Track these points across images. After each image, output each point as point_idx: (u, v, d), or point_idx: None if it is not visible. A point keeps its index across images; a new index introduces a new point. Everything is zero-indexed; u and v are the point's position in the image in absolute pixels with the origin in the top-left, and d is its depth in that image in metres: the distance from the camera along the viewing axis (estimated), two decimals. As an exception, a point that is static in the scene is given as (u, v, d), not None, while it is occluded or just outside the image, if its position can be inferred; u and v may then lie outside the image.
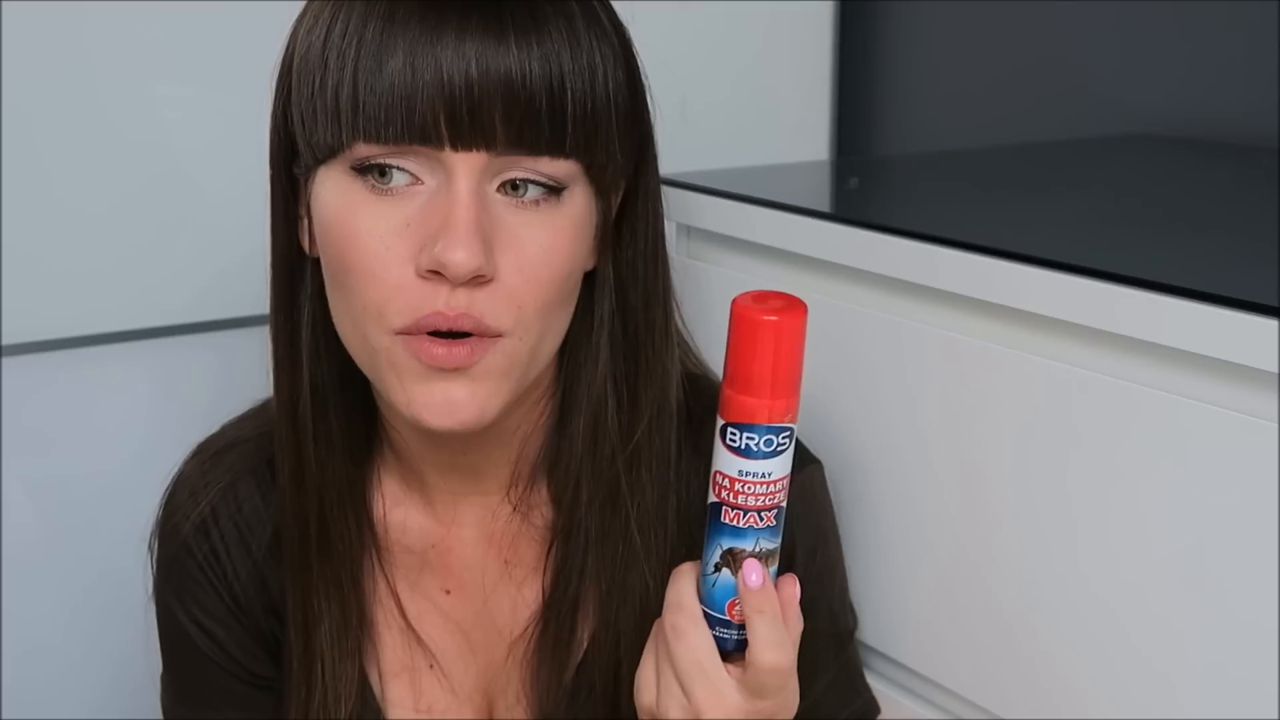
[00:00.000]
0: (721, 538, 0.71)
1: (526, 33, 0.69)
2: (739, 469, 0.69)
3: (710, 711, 0.72)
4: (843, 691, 0.87)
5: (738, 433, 0.69)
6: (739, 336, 0.68)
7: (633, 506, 0.81)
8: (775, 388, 0.68)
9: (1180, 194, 1.07)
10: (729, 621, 0.72)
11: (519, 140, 0.70)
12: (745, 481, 0.70)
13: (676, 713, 0.73)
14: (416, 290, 0.71)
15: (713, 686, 0.72)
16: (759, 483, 0.70)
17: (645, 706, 0.76)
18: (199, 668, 0.87)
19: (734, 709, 0.72)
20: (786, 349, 0.68)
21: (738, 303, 0.68)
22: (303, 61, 0.73)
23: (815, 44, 1.40)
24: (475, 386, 0.73)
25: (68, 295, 1.07)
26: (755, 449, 0.69)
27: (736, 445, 0.69)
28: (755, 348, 0.67)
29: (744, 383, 0.68)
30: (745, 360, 0.68)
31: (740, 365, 0.68)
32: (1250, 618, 0.68)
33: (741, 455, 0.69)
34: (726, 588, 0.72)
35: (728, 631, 0.73)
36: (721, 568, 0.71)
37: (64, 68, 1.04)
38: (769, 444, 0.69)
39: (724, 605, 0.72)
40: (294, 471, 0.82)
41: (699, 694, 0.72)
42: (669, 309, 0.82)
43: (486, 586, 0.86)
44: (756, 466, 0.69)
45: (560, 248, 0.73)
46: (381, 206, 0.71)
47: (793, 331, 0.68)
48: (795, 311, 0.68)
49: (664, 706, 0.74)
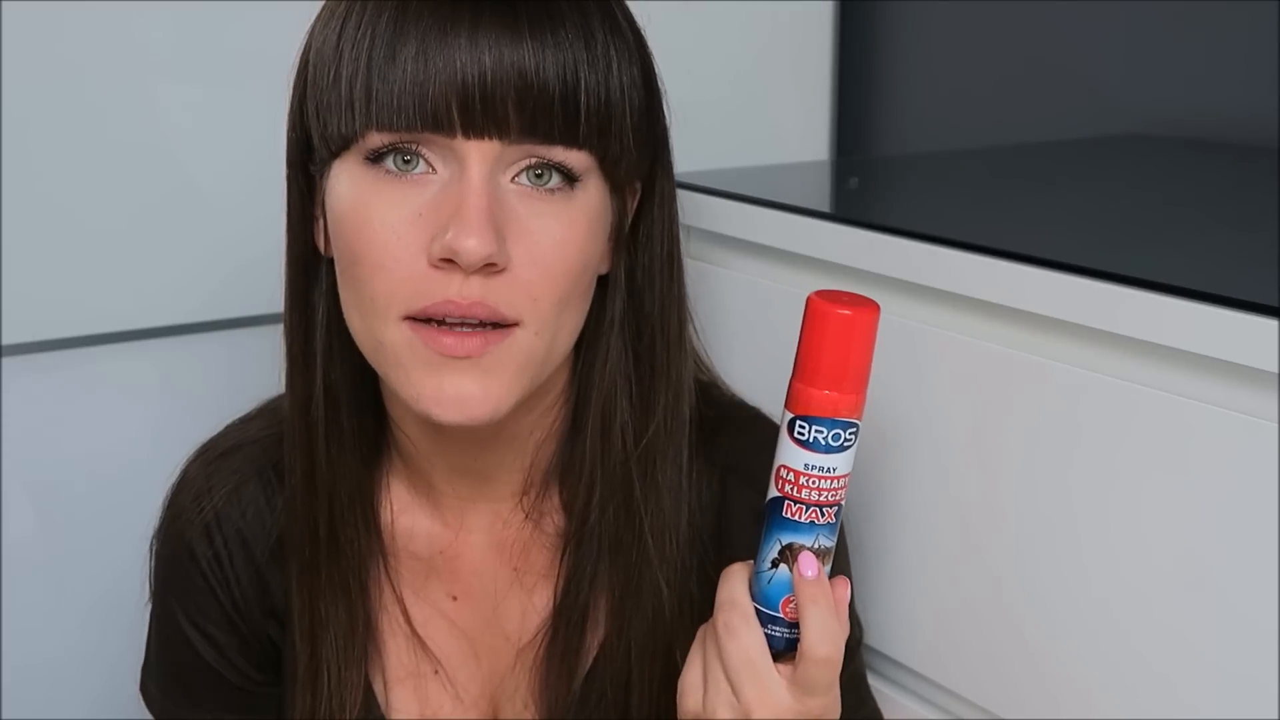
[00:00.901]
0: (782, 533, 0.71)
1: (540, 26, 0.70)
2: (805, 462, 0.69)
3: (760, 710, 0.71)
4: (850, 704, 0.87)
5: (806, 426, 0.69)
6: (813, 330, 0.68)
7: (646, 514, 0.80)
8: (845, 382, 0.68)
9: (1180, 194, 1.07)
10: (781, 619, 0.72)
11: (532, 129, 0.70)
12: (810, 475, 0.70)
13: (725, 713, 0.72)
14: (428, 279, 0.71)
15: (763, 684, 0.71)
16: (824, 477, 0.70)
17: (690, 709, 0.74)
18: (194, 669, 0.87)
19: (784, 708, 0.72)
20: (859, 344, 0.69)
21: (813, 298, 0.69)
22: (318, 56, 0.73)
23: (815, 44, 1.40)
24: (487, 380, 0.72)
25: (68, 295, 1.07)
26: (823, 443, 0.69)
27: (804, 439, 0.69)
28: (828, 341, 0.68)
29: (814, 376, 0.68)
30: (817, 354, 0.68)
31: (812, 359, 0.69)
32: (1250, 618, 0.68)
33: (809, 449, 0.69)
34: (783, 584, 0.71)
35: (779, 630, 0.72)
36: (779, 564, 0.71)
37: (65, 67, 1.04)
38: (836, 439, 0.69)
39: (779, 602, 0.72)
40: (305, 472, 0.81)
41: (749, 692, 0.71)
42: (683, 315, 0.82)
43: (496, 593, 0.85)
44: (823, 461, 0.69)
45: (573, 240, 0.73)
46: (394, 196, 0.71)
47: (866, 327, 0.69)
48: (869, 308, 0.69)
49: (711, 707, 0.73)
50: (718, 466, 0.83)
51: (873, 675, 0.91)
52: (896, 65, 1.51)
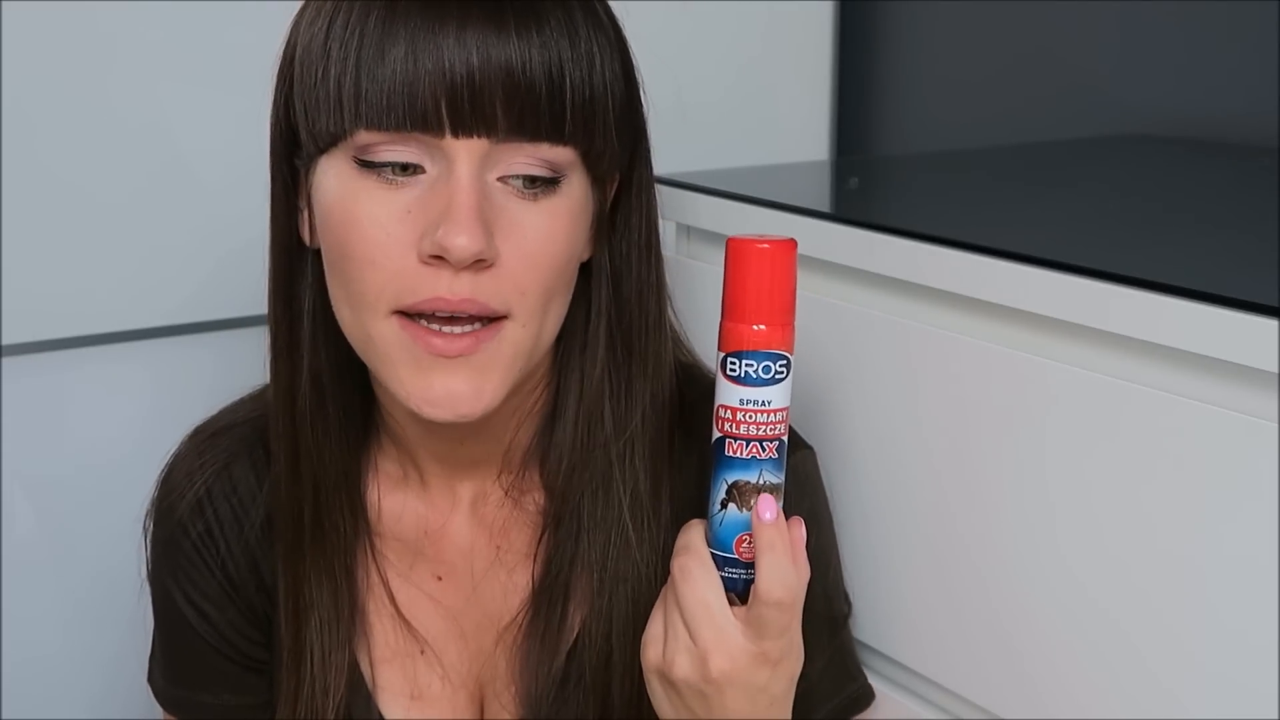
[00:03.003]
0: (726, 472, 0.72)
1: (526, 24, 0.71)
2: (740, 398, 0.72)
3: (716, 653, 0.72)
4: (837, 676, 0.87)
5: (737, 361, 0.71)
6: (735, 268, 0.72)
7: (625, 494, 0.82)
8: (771, 315, 0.71)
9: (1180, 194, 1.08)
10: (736, 560, 0.73)
11: (519, 127, 0.72)
12: (747, 410, 0.72)
13: (683, 660, 0.73)
14: (418, 275, 0.72)
15: (717, 626, 0.72)
16: (760, 410, 0.72)
17: (652, 661, 0.75)
18: (194, 649, 0.88)
19: (740, 650, 0.72)
20: (780, 277, 0.72)
21: (731, 239, 0.72)
22: (305, 53, 0.74)
23: (815, 44, 1.40)
24: (477, 377, 0.74)
25: (68, 295, 1.07)
26: (755, 375, 0.71)
27: (737, 374, 0.71)
28: (750, 277, 0.71)
29: (740, 312, 0.71)
30: (740, 290, 0.71)
31: (736, 296, 0.72)
32: (1250, 618, 0.68)
33: (741, 384, 0.71)
34: (734, 524, 0.73)
35: (736, 571, 0.73)
36: (728, 504, 0.73)
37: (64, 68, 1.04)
38: (767, 370, 0.71)
39: (732, 542, 0.73)
40: (290, 459, 0.83)
41: (705, 634, 0.72)
42: (662, 300, 0.84)
43: (477, 572, 0.87)
44: (756, 394, 0.72)
45: (559, 233, 0.75)
46: (383, 194, 0.73)
47: (784, 259, 0.72)
48: (786, 243, 0.72)
49: (670, 655, 0.74)
50: (697, 441, 0.83)
51: (873, 675, 0.91)
52: (896, 65, 1.51)
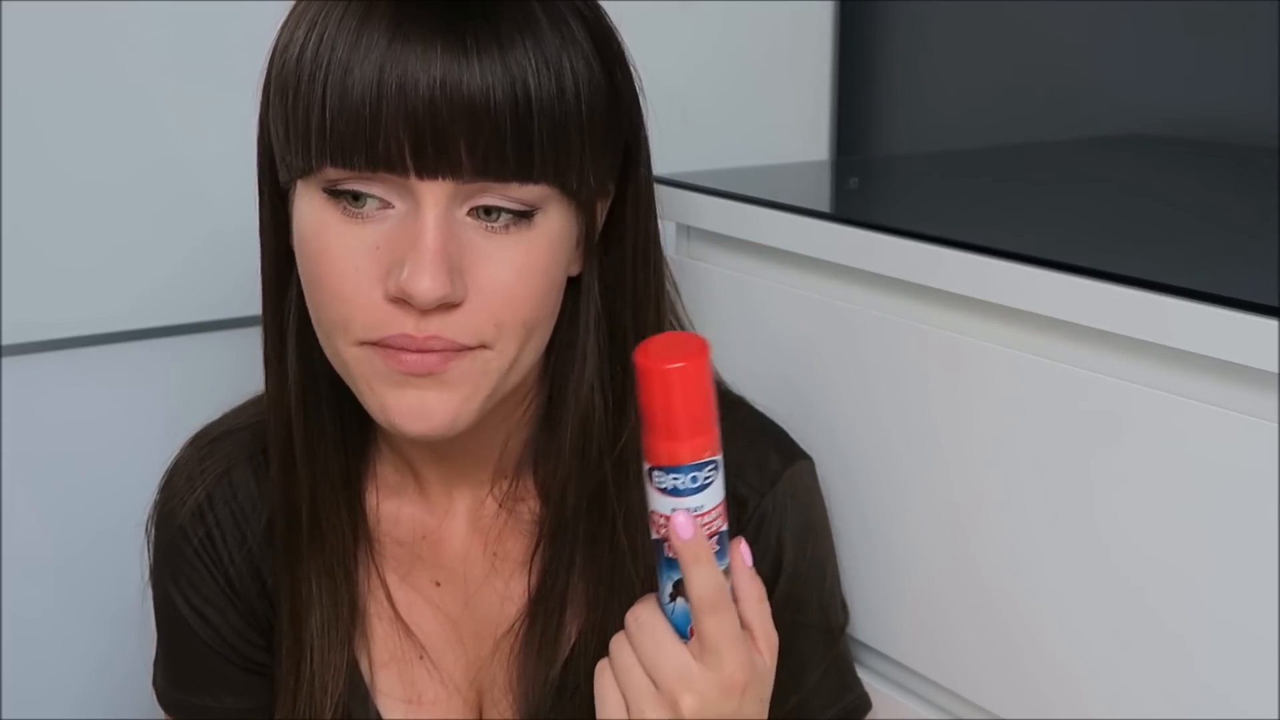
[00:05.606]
0: (671, 571, 0.72)
1: (490, 52, 0.69)
2: (672, 507, 0.71)
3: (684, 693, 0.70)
4: (833, 687, 0.87)
5: (664, 475, 0.71)
6: (645, 388, 0.70)
7: (620, 509, 0.81)
8: (690, 428, 0.70)
9: (1180, 194, 1.08)
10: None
11: (484, 169, 0.70)
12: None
13: (651, 708, 0.71)
14: (384, 311, 0.72)
15: (678, 663, 0.71)
16: (695, 516, 0.71)
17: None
18: (195, 652, 0.88)
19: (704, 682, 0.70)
20: (694, 392, 0.70)
21: (638, 356, 0.70)
22: (279, 77, 0.73)
23: (815, 44, 1.40)
24: (449, 393, 0.74)
25: (68, 295, 1.07)
26: (684, 488, 0.71)
27: (665, 487, 0.71)
28: (662, 397, 0.69)
29: (662, 430, 0.70)
30: (654, 410, 0.70)
31: (652, 414, 0.70)
32: (1250, 618, 0.68)
33: (672, 495, 0.71)
34: (685, 614, 0.73)
35: None
36: (676, 597, 0.73)
37: (65, 69, 1.04)
38: (694, 480, 0.71)
39: (685, 630, 0.73)
40: (284, 465, 0.83)
41: (667, 674, 0.70)
42: (661, 312, 0.82)
43: (474, 580, 0.87)
44: (687, 502, 0.71)
45: (534, 266, 0.73)
46: (352, 227, 0.72)
47: (696, 375, 0.69)
48: (696, 355, 0.69)
49: (637, 713, 0.71)
50: None
51: (873, 675, 0.91)
52: (896, 65, 1.51)
